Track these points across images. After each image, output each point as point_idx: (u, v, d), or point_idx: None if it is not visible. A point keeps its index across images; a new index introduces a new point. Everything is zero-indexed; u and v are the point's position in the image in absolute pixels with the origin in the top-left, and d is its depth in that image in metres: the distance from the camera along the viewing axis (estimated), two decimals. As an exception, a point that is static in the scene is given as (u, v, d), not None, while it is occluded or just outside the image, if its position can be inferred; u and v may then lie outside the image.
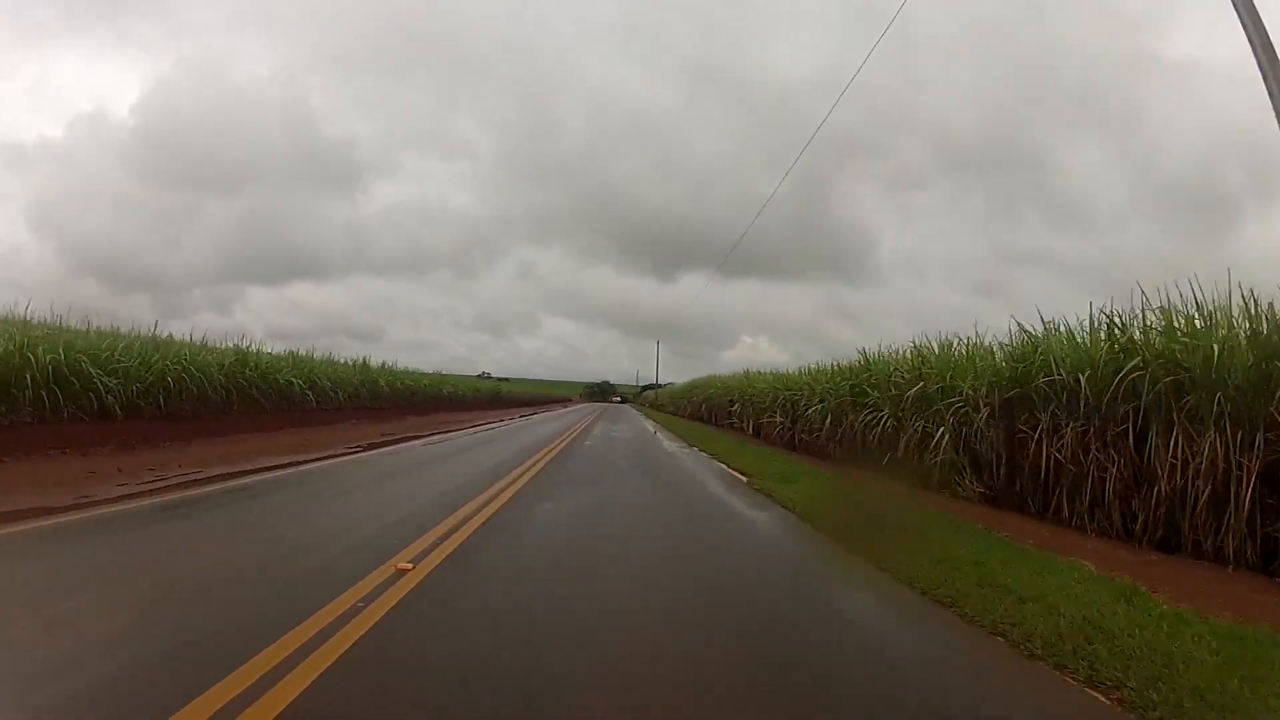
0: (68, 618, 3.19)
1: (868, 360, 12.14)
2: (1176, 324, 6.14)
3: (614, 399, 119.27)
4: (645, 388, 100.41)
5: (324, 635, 3.03)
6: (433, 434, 17.16)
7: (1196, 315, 6.02)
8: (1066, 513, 6.50)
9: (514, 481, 8.31)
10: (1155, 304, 6.41)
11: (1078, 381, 6.55)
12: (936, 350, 9.87)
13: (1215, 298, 5.91)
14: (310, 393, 18.11)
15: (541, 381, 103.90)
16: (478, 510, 6.19)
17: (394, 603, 3.51)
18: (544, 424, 25.69)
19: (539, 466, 10.22)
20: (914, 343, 10.72)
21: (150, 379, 11.94)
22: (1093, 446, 6.27)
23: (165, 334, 14.20)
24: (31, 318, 11.97)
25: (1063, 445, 6.56)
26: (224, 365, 14.46)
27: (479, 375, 72.50)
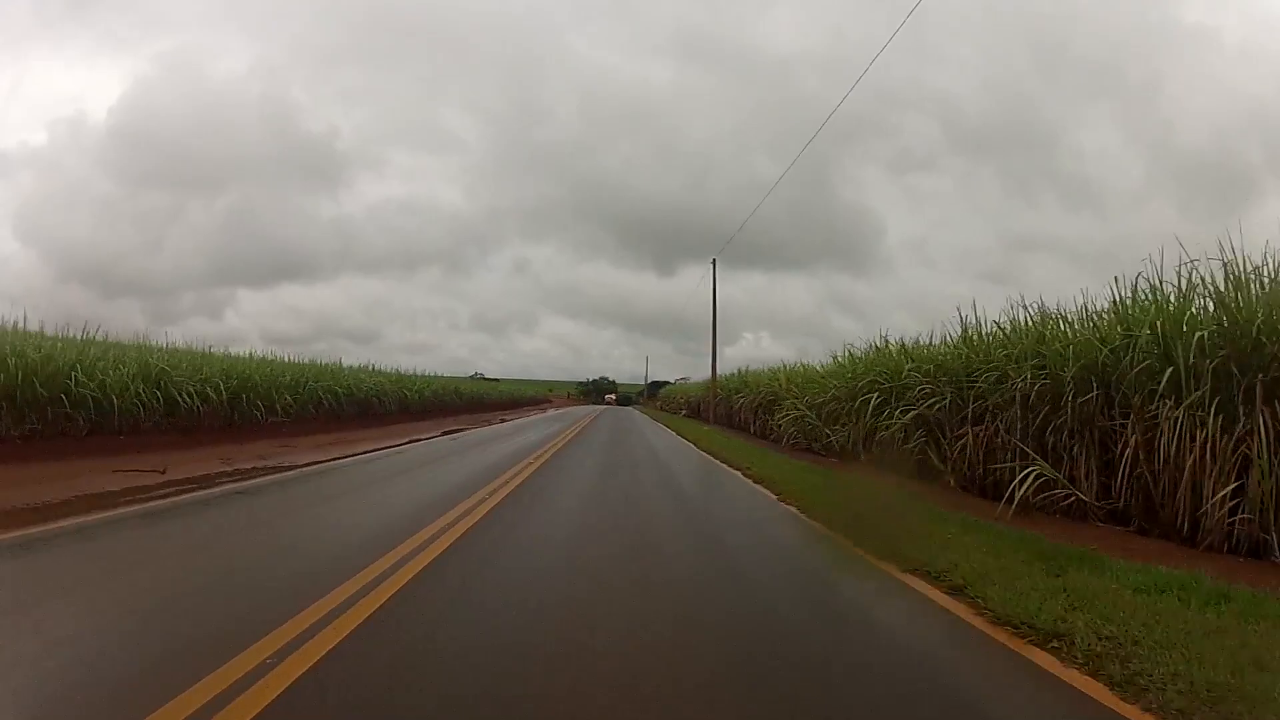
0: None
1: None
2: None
3: (608, 397, 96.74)
4: (654, 384, 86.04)
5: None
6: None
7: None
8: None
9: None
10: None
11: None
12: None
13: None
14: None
15: (542, 382, 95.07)
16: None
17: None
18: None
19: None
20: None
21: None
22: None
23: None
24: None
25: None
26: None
27: (471, 376, 68.36)
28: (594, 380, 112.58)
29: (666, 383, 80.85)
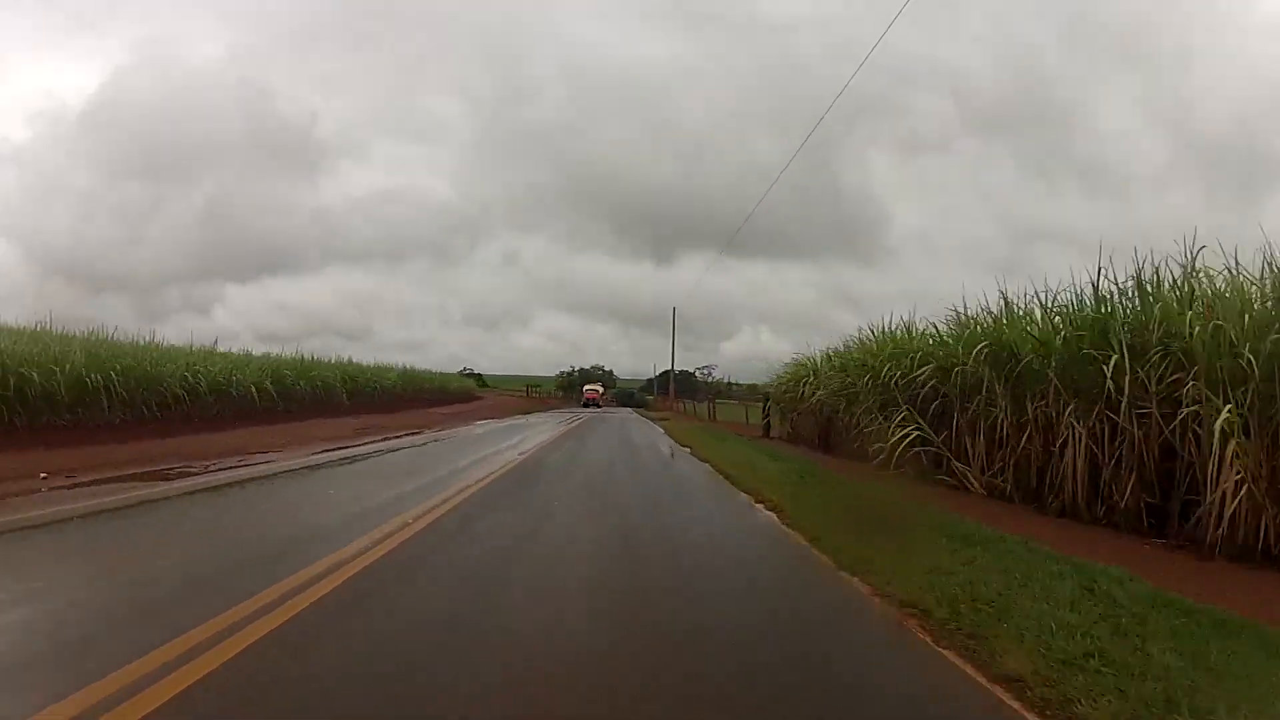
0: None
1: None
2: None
3: (588, 389, 62.87)
4: (673, 375, 56.32)
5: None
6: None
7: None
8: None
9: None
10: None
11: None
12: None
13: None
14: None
15: (536, 378, 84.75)
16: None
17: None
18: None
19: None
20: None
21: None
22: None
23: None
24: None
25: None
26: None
27: (461, 372, 63.32)
28: (581, 370, 77.66)
29: (689, 374, 53.71)
